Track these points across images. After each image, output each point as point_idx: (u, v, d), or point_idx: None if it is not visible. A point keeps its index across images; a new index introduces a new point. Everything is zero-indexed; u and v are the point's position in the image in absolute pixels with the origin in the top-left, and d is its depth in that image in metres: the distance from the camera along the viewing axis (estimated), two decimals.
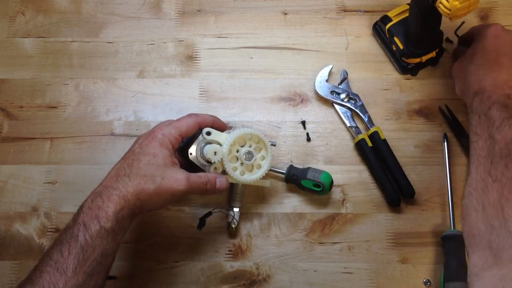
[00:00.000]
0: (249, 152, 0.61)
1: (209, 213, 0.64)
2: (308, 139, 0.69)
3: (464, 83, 0.61)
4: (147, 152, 0.55)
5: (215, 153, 0.58)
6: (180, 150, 0.60)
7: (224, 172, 0.61)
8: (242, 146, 0.62)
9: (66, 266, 0.48)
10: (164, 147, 0.56)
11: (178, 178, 0.54)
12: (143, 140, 0.57)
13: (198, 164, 0.60)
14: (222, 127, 0.63)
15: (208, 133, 0.60)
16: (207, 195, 0.60)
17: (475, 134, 0.56)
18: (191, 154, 0.60)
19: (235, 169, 0.60)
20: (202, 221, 0.64)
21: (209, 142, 0.60)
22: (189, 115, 0.61)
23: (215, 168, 0.60)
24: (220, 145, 0.60)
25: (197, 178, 0.56)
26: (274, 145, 0.66)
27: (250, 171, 0.62)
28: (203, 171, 0.60)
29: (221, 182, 0.58)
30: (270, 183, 0.66)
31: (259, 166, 0.63)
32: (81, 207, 0.52)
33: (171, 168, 0.55)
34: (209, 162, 0.60)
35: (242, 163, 0.61)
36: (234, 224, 0.64)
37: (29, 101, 0.73)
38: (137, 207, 0.53)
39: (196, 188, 0.56)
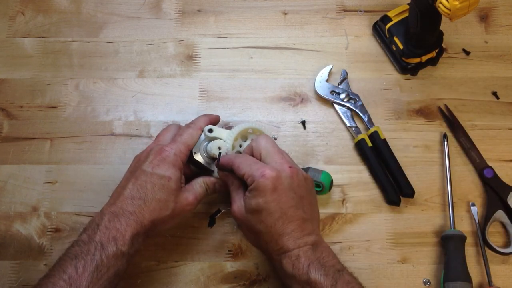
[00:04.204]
0: None
1: (218, 211, 0.64)
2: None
3: (261, 241, 0.55)
4: (160, 174, 0.55)
5: (219, 148, 0.58)
6: None
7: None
8: (244, 141, 0.62)
9: (79, 283, 0.48)
10: (177, 168, 0.56)
11: (189, 200, 0.57)
12: (154, 157, 0.56)
13: (203, 163, 0.60)
14: (215, 119, 0.63)
15: (210, 130, 0.60)
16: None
17: None
18: (195, 153, 0.60)
19: None
20: (212, 219, 0.64)
21: (212, 140, 0.60)
22: (189, 126, 0.60)
23: None
24: (223, 141, 0.60)
25: (200, 188, 0.59)
26: (276, 139, 0.65)
27: None
28: (207, 169, 0.61)
29: (219, 185, 0.60)
30: None
31: None
32: (97, 225, 0.52)
33: (181, 190, 0.57)
34: (214, 159, 0.60)
35: None
36: None
37: (29, 101, 0.73)
38: (151, 230, 0.55)
39: (201, 199, 0.59)
